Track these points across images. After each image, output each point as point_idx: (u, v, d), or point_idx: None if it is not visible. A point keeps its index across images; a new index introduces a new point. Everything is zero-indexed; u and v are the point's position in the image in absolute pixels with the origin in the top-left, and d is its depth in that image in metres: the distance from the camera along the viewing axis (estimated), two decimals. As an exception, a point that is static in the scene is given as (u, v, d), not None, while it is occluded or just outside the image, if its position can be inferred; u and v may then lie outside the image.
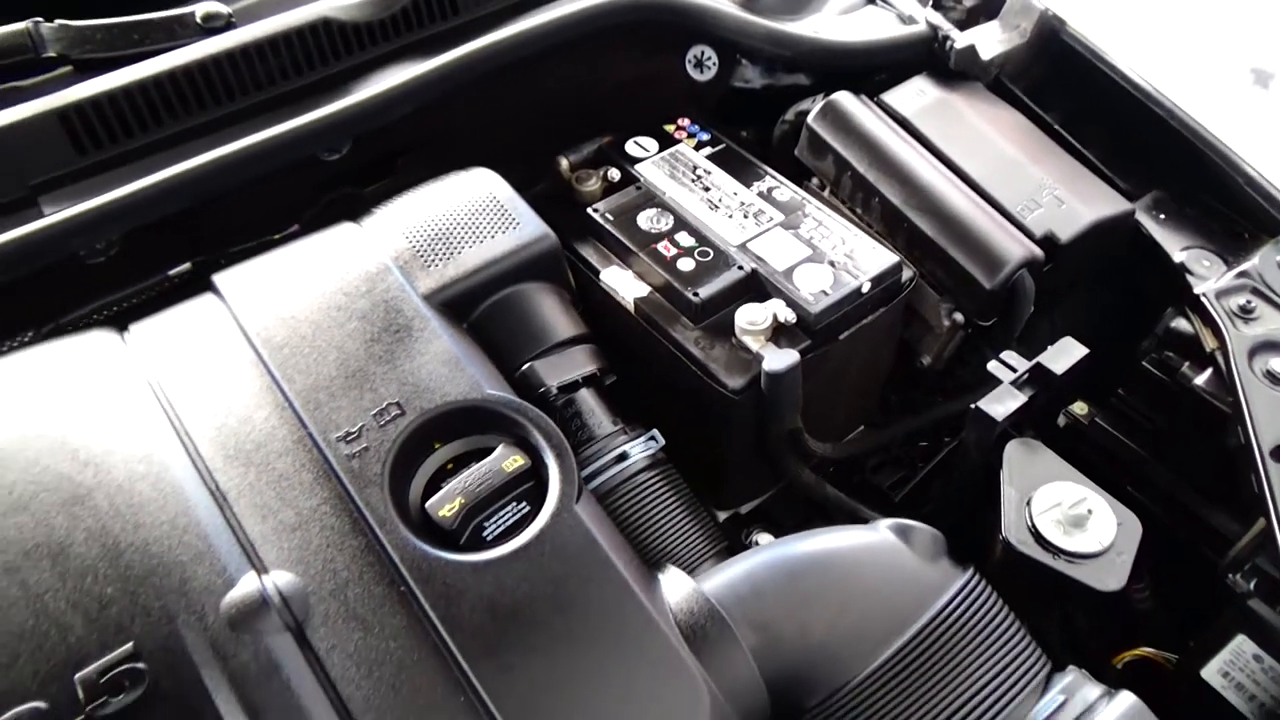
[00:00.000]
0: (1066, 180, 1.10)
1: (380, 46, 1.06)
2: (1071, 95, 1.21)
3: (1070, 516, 0.83)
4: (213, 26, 1.01)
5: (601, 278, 1.02)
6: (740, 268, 0.98)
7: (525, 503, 0.74)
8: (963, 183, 1.08)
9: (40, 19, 0.96)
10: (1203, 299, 1.01)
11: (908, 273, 1.02)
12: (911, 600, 0.76)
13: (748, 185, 1.09)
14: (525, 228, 0.93)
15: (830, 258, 1.00)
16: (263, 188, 0.97)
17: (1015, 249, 1.01)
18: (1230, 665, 0.88)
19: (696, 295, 0.95)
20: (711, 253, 1.00)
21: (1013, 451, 0.88)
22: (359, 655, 0.65)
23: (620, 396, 0.95)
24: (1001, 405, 0.88)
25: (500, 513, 0.73)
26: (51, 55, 0.95)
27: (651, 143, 1.15)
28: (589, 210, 1.06)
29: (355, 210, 0.95)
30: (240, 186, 0.95)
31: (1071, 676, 0.75)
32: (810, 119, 1.14)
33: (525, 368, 0.89)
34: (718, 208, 1.06)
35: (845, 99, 1.14)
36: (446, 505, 0.72)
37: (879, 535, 0.80)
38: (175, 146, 0.96)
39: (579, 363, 0.91)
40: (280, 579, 0.66)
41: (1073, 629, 0.99)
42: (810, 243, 1.01)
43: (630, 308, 1.00)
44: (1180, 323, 1.04)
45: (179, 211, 0.93)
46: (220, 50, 0.98)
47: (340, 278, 0.85)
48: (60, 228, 0.87)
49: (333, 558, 0.69)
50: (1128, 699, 0.72)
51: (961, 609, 0.76)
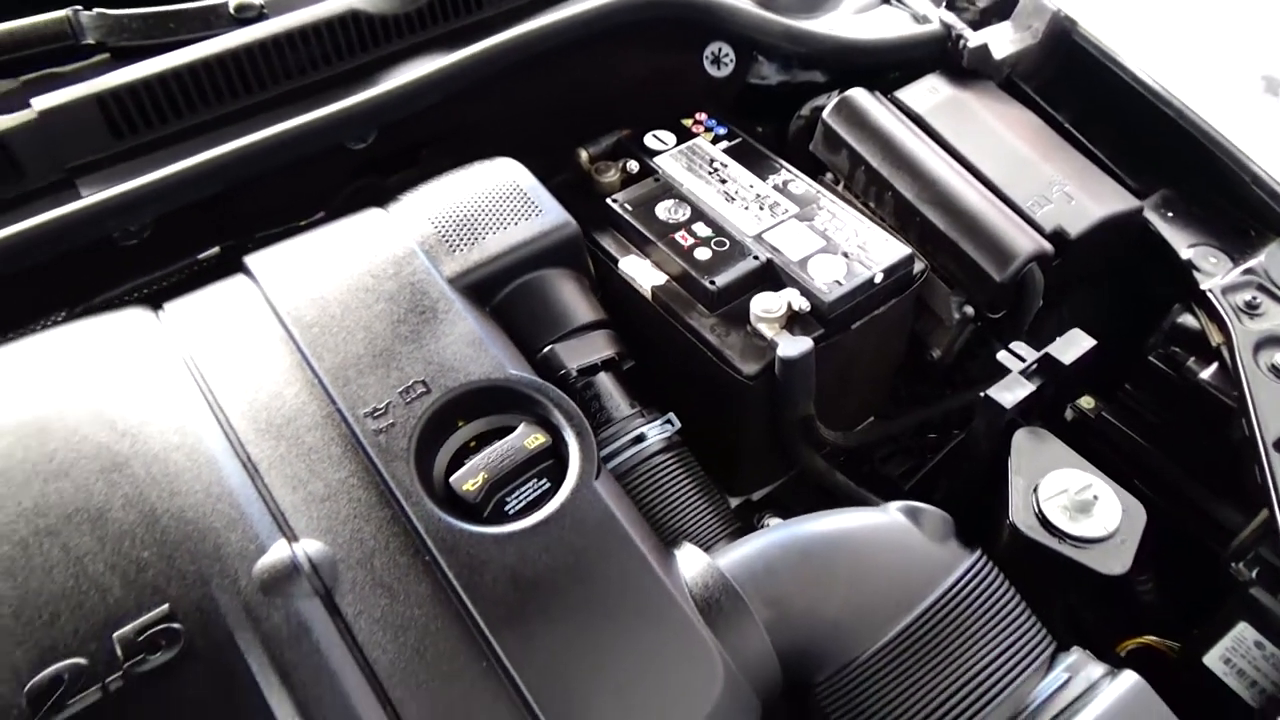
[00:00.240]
0: (1076, 177, 1.11)
1: (406, 39, 1.09)
2: (1082, 95, 1.22)
3: (1076, 502, 0.84)
4: (245, 17, 1.03)
5: (620, 266, 1.04)
6: (756, 257, 1.00)
7: (546, 479, 0.75)
8: (974, 178, 1.09)
9: (79, 7, 0.98)
10: (1209, 295, 1.01)
11: (919, 265, 1.03)
12: (920, 579, 0.77)
13: (763, 178, 1.10)
14: (547, 215, 0.94)
15: (844, 249, 1.01)
16: (290, 174, 0.99)
17: (1025, 243, 1.02)
18: (1232, 652, 0.89)
19: (713, 283, 0.97)
20: (728, 243, 1.02)
21: (1021, 440, 0.90)
22: (385, 621, 0.66)
23: (637, 382, 0.96)
24: (1010, 393, 0.89)
25: (522, 488, 0.75)
26: (90, 42, 0.98)
27: (669, 136, 1.16)
28: (608, 201, 1.07)
29: (379, 199, 0.97)
30: (269, 173, 0.97)
31: (1075, 656, 0.76)
32: (825, 114, 1.15)
33: (546, 350, 0.90)
34: (734, 199, 1.08)
35: (860, 95, 1.15)
36: (470, 480, 0.74)
37: (889, 516, 0.81)
38: (207, 133, 0.98)
39: (598, 347, 0.92)
40: (310, 547, 0.68)
41: (1077, 620, 1.00)
42: (824, 234, 1.03)
43: (648, 295, 1.01)
44: (1187, 318, 1.05)
45: (209, 196, 0.95)
46: (252, 40, 1.00)
47: (368, 261, 0.87)
48: (97, 209, 0.89)
49: (360, 528, 0.70)
50: (1130, 678, 0.72)
51: (968, 588, 0.77)
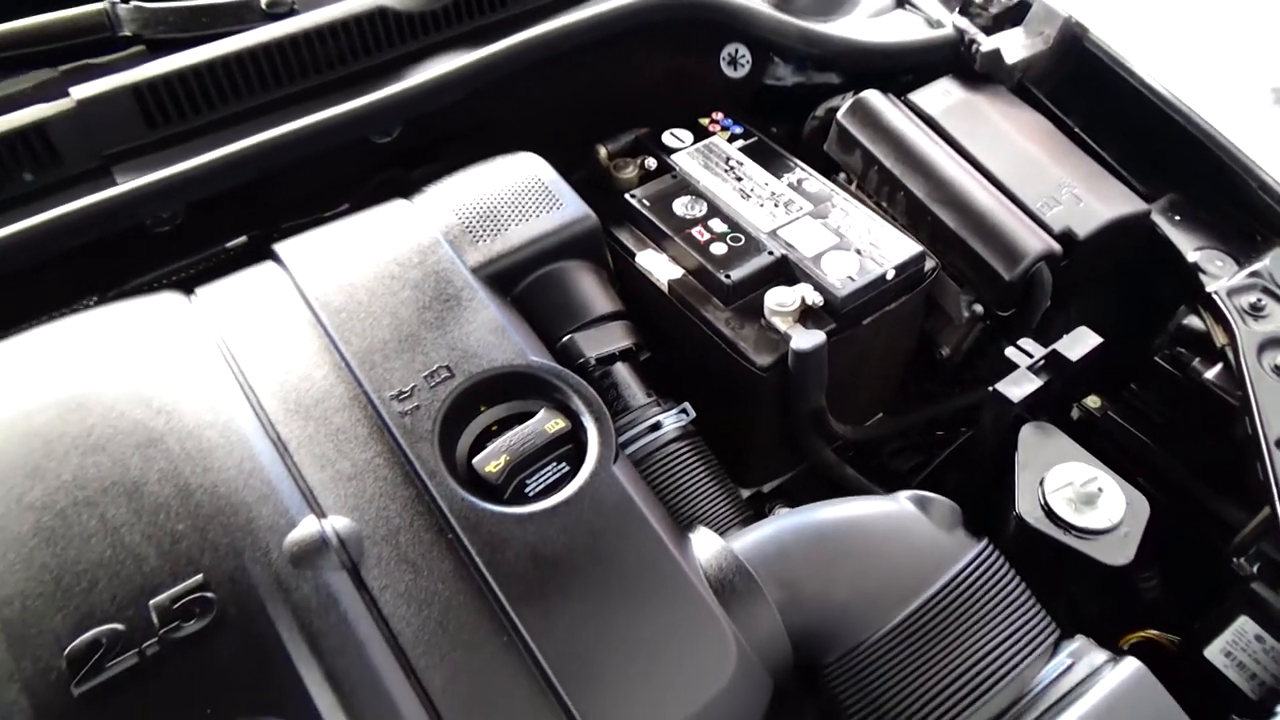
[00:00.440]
0: (1085, 180, 1.12)
1: (432, 36, 1.11)
2: (1092, 100, 1.24)
3: (1081, 494, 0.86)
4: (276, 12, 1.06)
5: (637, 260, 1.06)
6: (770, 253, 1.02)
7: (565, 463, 0.78)
8: (985, 179, 1.11)
9: (117, 0, 1.01)
10: (1215, 296, 1.03)
11: (930, 263, 1.05)
12: (928, 565, 0.79)
13: (778, 176, 1.12)
14: (568, 208, 0.97)
15: (857, 246, 1.03)
16: (317, 166, 1.01)
17: (1034, 242, 1.04)
18: (1232, 645, 0.90)
19: (728, 277, 0.99)
20: (743, 238, 1.04)
21: (1027, 434, 0.92)
22: (409, 595, 0.68)
23: (653, 374, 0.98)
24: (1018, 388, 0.91)
25: (541, 471, 0.77)
26: (126, 34, 1.01)
27: (687, 134, 1.18)
28: (626, 196, 1.09)
29: (403, 191, 0.99)
30: (297, 164, 0.99)
31: (1079, 643, 0.77)
32: (840, 115, 1.17)
33: (565, 339, 0.93)
34: (749, 197, 1.10)
35: (874, 97, 1.17)
36: (492, 461, 0.76)
37: (899, 505, 0.83)
38: (238, 124, 1.00)
39: (616, 337, 0.95)
40: (337, 523, 0.70)
41: (1080, 614, 1.01)
42: (838, 231, 1.05)
43: (664, 288, 1.03)
44: (1192, 320, 1.06)
45: (238, 185, 0.97)
46: (282, 35, 1.02)
47: (394, 249, 0.89)
48: (132, 196, 0.91)
49: (385, 506, 0.72)
50: (1132, 664, 0.74)
51: (975, 575, 0.78)
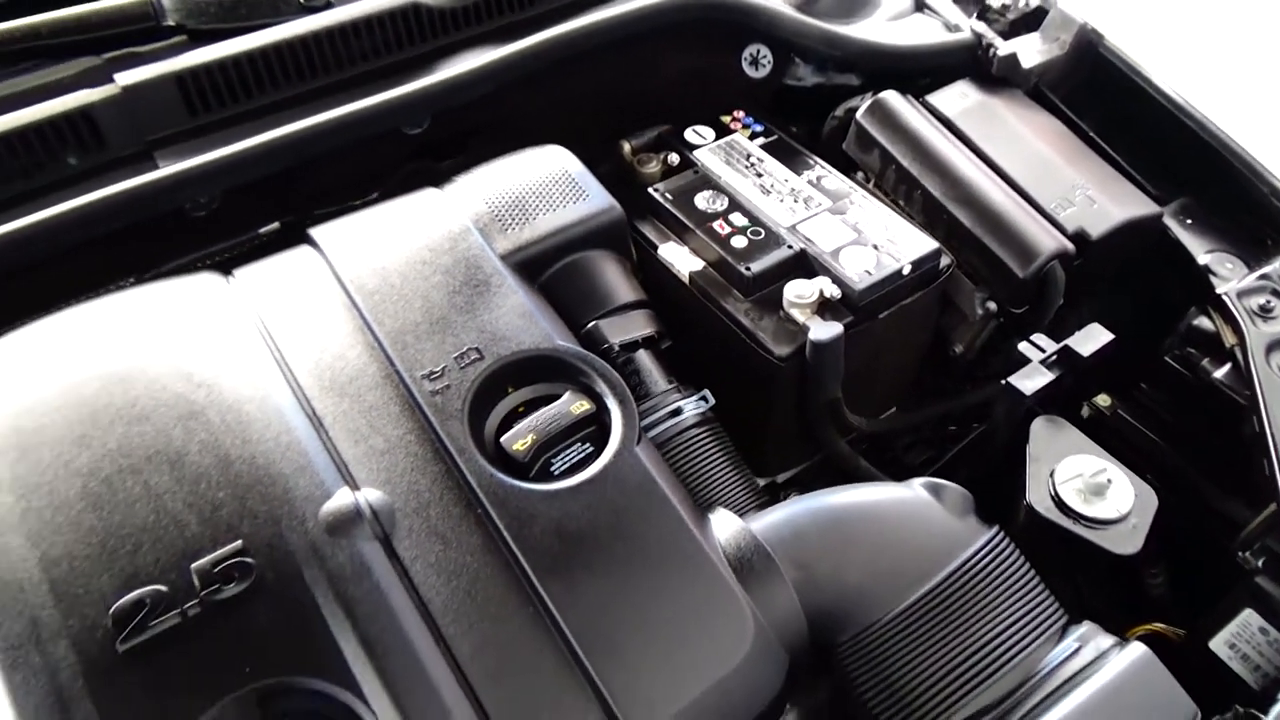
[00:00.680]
0: (1099, 182, 1.15)
1: (462, 31, 1.14)
2: (1106, 104, 1.26)
3: (1091, 485, 0.88)
4: (312, 6, 1.10)
5: (659, 252, 1.08)
6: (790, 247, 1.04)
7: (589, 444, 0.80)
8: (1000, 179, 1.13)
9: (161, -10, 1.05)
10: (1225, 298, 1.05)
11: (946, 260, 1.07)
12: (940, 550, 0.81)
13: (798, 173, 1.15)
14: (594, 199, 0.99)
15: (874, 241, 1.05)
16: (350, 155, 1.04)
17: (1048, 241, 1.06)
18: (1237, 637, 0.92)
19: (748, 270, 1.01)
20: (763, 232, 1.06)
21: (1039, 427, 0.94)
22: (439, 566, 0.71)
23: (674, 363, 1.00)
24: (1031, 381, 0.93)
25: (566, 451, 0.79)
26: (169, 24, 1.04)
27: (709, 131, 1.21)
28: (649, 190, 1.12)
29: (432, 181, 1.01)
30: (330, 152, 1.02)
31: (1086, 627, 0.79)
32: (859, 115, 1.19)
33: (590, 326, 0.95)
34: (769, 192, 1.12)
35: (893, 98, 1.19)
36: (520, 440, 0.78)
37: (913, 491, 0.85)
38: (275, 113, 1.04)
39: (639, 325, 0.97)
40: (371, 495, 0.73)
41: (1088, 607, 1.03)
42: (855, 227, 1.07)
43: (685, 280, 1.06)
44: (1202, 321, 1.08)
45: (273, 173, 1.00)
46: (318, 28, 1.06)
47: (426, 235, 0.92)
48: (174, 180, 0.94)
49: (416, 480, 0.75)
50: (1138, 648, 0.75)
51: (985, 560, 0.80)
